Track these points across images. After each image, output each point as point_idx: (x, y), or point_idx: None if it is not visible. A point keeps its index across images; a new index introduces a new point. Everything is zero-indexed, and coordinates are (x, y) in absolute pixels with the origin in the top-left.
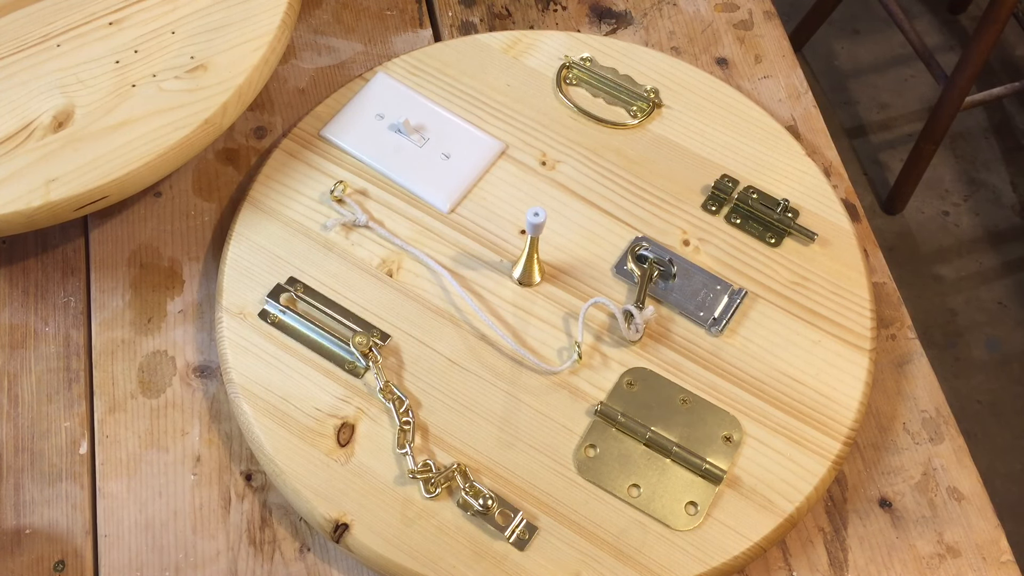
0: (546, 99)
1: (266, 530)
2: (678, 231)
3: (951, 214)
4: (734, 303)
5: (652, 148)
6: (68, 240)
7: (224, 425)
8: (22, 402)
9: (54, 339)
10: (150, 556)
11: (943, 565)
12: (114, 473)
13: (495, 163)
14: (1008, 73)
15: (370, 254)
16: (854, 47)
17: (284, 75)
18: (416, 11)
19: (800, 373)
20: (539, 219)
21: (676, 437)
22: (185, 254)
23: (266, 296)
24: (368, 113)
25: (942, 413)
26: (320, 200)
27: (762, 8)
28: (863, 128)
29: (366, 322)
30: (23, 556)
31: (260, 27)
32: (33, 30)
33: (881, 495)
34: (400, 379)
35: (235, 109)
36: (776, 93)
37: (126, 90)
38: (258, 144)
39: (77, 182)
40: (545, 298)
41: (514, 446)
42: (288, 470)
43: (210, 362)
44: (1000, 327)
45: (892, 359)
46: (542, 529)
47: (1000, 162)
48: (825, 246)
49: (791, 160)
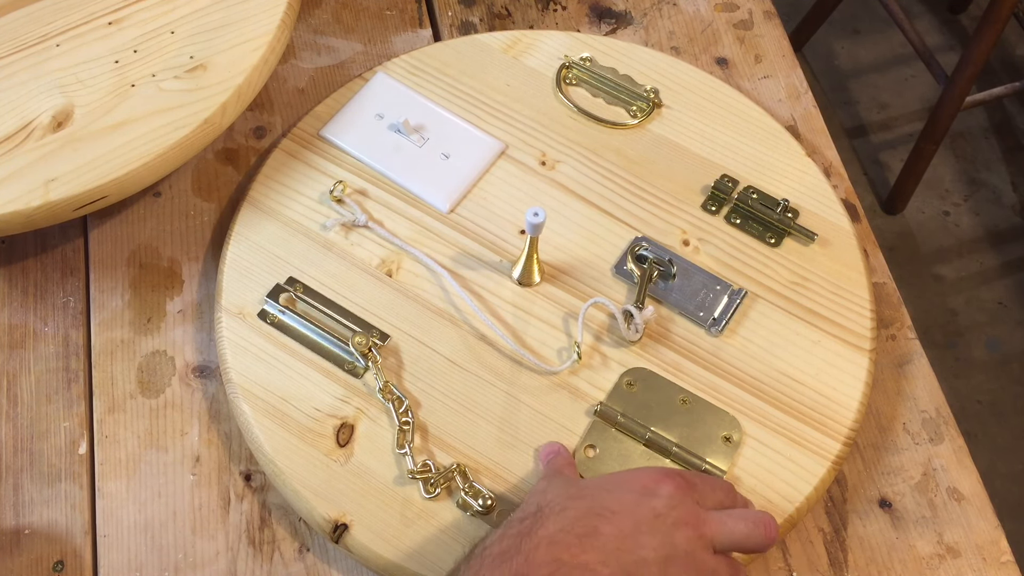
0: (546, 99)
1: (265, 530)
2: (678, 231)
3: (951, 214)
4: (734, 303)
5: (652, 148)
6: (67, 240)
7: (223, 425)
8: (21, 402)
9: (53, 339)
10: (149, 556)
11: (943, 565)
12: (113, 473)
13: (495, 163)
14: (1008, 73)
15: (369, 254)
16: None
17: (284, 75)
18: (416, 11)
19: (800, 373)
20: (539, 219)
21: (676, 437)
22: (184, 254)
23: (265, 296)
24: (368, 113)
25: (942, 413)
26: (319, 200)
27: (762, 8)
28: (863, 128)
29: (365, 322)
30: (22, 556)
31: (260, 27)
32: (32, 30)
33: (881, 495)
34: (400, 379)
35: (234, 109)
36: (776, 93)
37: (125, 90)
38: (258, 144)
39: (76, 182)
40: (545, 298)
41: (514, 446)
42: (287, 470)
43: (209, 362)
44: (1000, 327)
45: (892, 359)
46: None
47: (1000, 162)
48: (825, 246)
49: (791, 160)
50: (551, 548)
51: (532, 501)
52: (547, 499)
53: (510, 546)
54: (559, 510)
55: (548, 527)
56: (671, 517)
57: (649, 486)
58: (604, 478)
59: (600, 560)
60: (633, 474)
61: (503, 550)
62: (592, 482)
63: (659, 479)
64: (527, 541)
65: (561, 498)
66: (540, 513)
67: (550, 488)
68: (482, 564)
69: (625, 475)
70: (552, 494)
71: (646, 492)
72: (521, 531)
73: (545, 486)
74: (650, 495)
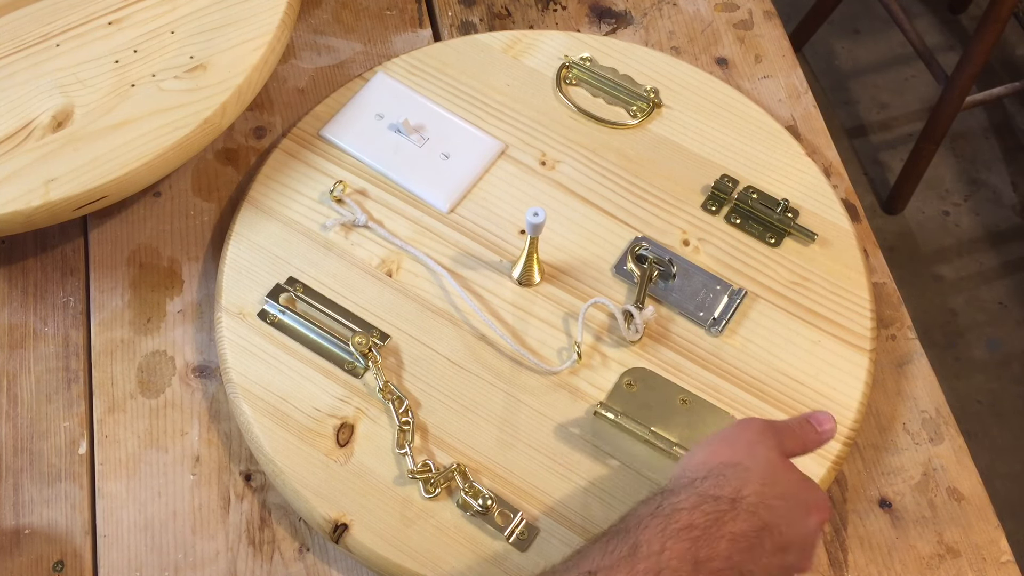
0: (546, 99)
1: (265, 530)
2: (678, 231)
3: (951, 214)
4: (734, 303)
5: (652, 148)
6: (67, 240)
7: (223, 425)
8: (21, 402)
9: (53, 339)
10: (149, 556)
11: (943, 565)
12: (113, 473)
13: (495, 163)
14: (1008, 73)
15: (369, 254)
16: (854, 47)
17: (284, 75)
18: (416, 11)
19: (800, 373)
20: (539, 219)
21: (676, 437)
22: (184, 254)
23: (265, 296)
24: (368, 113)
25: (942, 413)
26: (319, 200)
27: (762, 8)
28: (863, 128)
29: (365, 322)
30: (22, 556)
31: (259, 27)
32: (32, 30)
33: (881, 495)
34: (400, 379)
35: (234, 109)
36: (776, 93)
37: (125, 90)
38: (257, 144)
39: (76, 182)
40: (545, 298)
41: (514, 446)
42: (287, 470)
43: (209, 362)
44: (1000, 327)
45: (892, 359)
46: (542, 529)
47: (1000, 162)
48: (825, 246)
49: (791, 160)
50: (731, 544)
51: (732, 477)
52: (745, 492)
53: (698, 524)
54: (750, 511)
55: (736, 525)
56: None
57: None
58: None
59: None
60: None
61: (691, 523)
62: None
63: (820, 507)
64: (714, 529)
65: (755, 496)
66: (735, 506)
67: (751, 477)
68: (667, 526)
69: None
70: (751, 488)
71: (807, 511)
72: (714, 515)
73: (749, 468)
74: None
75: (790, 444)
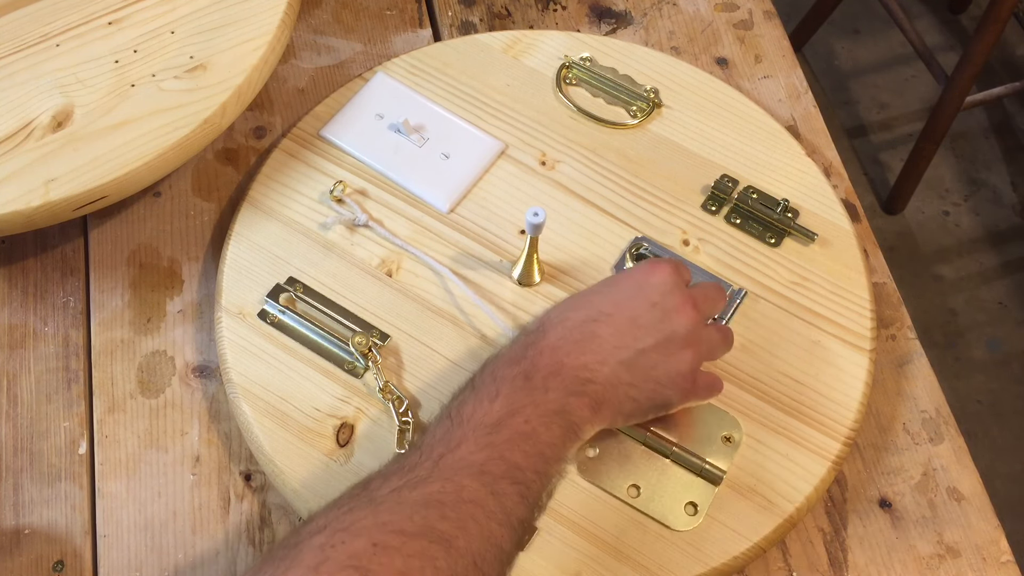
0: (546, 99)
1: (265, 530)
2: (678, 231)
3: (951, 214)
4: (734, 303)
5: (652, 148)
6: (67, 240)
7: (223, 425)
8: (21, 402)
9: (53, 339)
10: (149, 556)
11: (943, 565)
12: (113, 473)
13: (495, 163)
14: (1008, 73)
15: (369, 254)
16: (854, 47)
17: (284, 75)
18: (416, 11)
19: (800, 373)
20: (539, 219)
21: (676, 437)
22: (184, 254)
23: (265, 296)
24: (368, 113)
25: (942, 413)
26: (319, 200)
27: (762, 8)
28: (863, 128)
29: (365, 322)
30: (22, 556)
31: (259, 27)
32: (32, 30)
33: (881, 495)
34: (400, 379)
35: (234, 109)
36: (776, 93)
37: (125, 90)
38: (257, 144)
39: (76, 182)
40: (545, 298)
41: None
42: (287, 470)
43: (209, 362)
44: (1000, 327)
45: (892, 359)
46: (542, 529)
47: (1000, 162)
48: (825, 246)
49: (791, 160)
50: (553, 353)
51: (538, 319)
52: (549, 315)
53: (518, 353)
54: (559, 321)
55: (550, 337)
56: (666, 303)
57: (640, 280)
58: (601, 283)
59: (598, 360)
60: (627, 273)
61: (512, 356)
62: (590, 290)
63: (650, 270)
64: (532, 349)
65: (561, 310)
66: (542, 327)
67: (554, 306)
68: (496, 366)
69: (620, 276)
70: (554, 310)
71: (639, 286)
72: (527, 342)
73: (552, 305)
74: (643, 287)
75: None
